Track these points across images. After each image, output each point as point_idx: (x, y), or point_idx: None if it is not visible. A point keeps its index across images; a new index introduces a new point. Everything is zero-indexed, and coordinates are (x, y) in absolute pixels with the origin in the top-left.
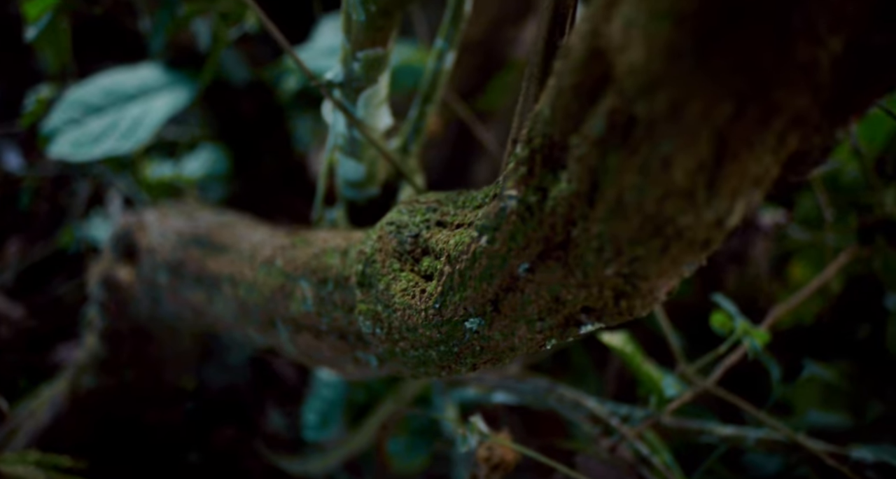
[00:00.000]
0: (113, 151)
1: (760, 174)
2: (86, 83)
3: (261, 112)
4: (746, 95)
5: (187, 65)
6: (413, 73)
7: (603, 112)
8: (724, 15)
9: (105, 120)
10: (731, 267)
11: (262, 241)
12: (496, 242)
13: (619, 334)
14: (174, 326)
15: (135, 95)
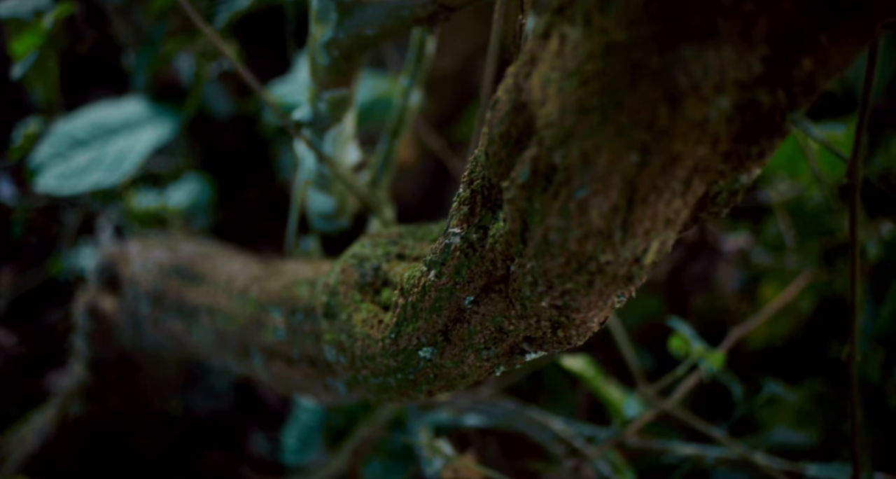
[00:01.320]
0: (98, 185)
1: (671, 217)
2: (72, 118)
3: (244, 143)
4: (649, 147)
5: (171, 98)
6: (387, 106)
7: (527, 160)
8: (622, 76)
9: (90, 154)
10: (696, 290)
11: (238, 271)
12: (443, 276)
13: (579, 359)
14: (158, 353)
15: (119, 129)
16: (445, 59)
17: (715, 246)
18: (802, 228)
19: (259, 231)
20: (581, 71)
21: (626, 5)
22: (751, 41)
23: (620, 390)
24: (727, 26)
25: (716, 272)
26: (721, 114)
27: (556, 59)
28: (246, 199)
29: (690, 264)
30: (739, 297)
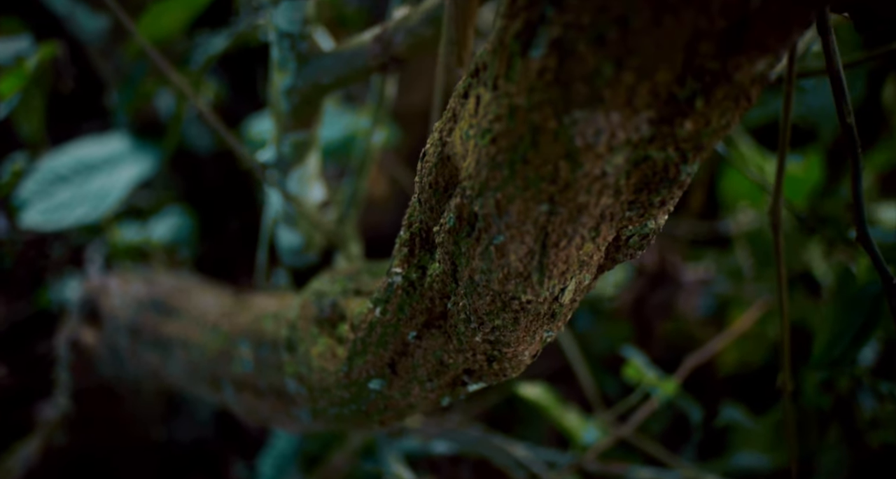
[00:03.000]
0: (82, 220)
1: (585, 259)
2: (56, 154)
3: (226, 177)
4: (555, 198)
5: (152, 135)
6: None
7: (453, 207)
8: (525, 136)
9: (74, 190)
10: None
11: (211, 305)
12: (387, 313)
13: (537, 387)
14: (138, 384)
15: (102, 166)
16: (417, 95)
17: (675, 276)
18: (762, 257)
19: (239, 263)
20: (491, 130)
21: (525, 74)
22: (635, 107)
23: (580, 416)
24: (612, 95)
25: (677, 301)
26: (617, 169)
27: (472, 117)
28: (227, 231)
29: (653, 294)
30: (706, 324)
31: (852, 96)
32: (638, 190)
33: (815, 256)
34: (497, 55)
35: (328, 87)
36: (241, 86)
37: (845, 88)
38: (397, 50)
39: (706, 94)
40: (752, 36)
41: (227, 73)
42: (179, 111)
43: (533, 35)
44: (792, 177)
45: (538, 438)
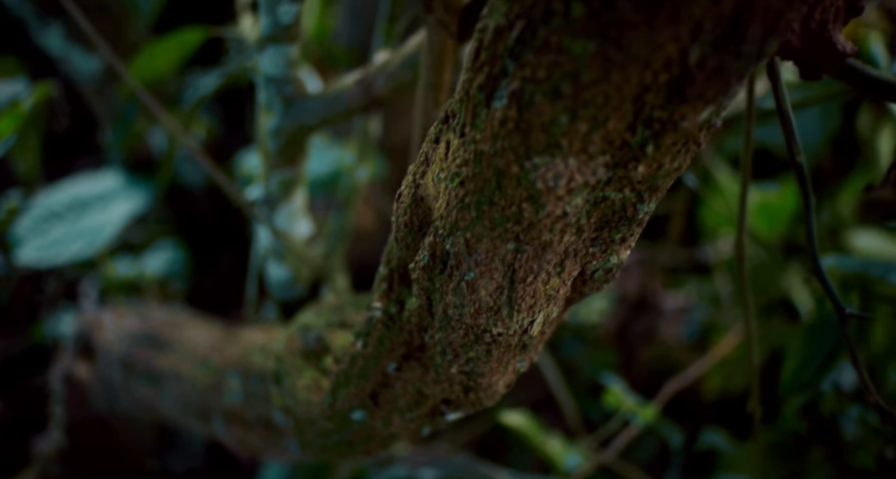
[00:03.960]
0: (77, 257)
1: (552, 293)
2: (50, 191)
3: (218, 211)
4: (521, 237)
5: (145, 171)
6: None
7: (427, 246)
8: (490, 180)
9: (68, 227)
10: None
11: (202, 338)
12: (368, 346)
13: (519, 414)
14: (131, 416)
15: (96, 202)
16: (404, 128)
17: (656, 303)
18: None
19: (230, 295)
20: (460, 174)
21: (488, 122)
22: (590, 153)
23: (562, 443)
24: (568, 142)
25: (659, 327)
26: (577, 209)
27: (443, 161)
28: (218, 265)
29: (635, 321)
30: (690, 349)
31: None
32: (599, 228)
33: (794, 281)
34: (463, 105)
35: (313, 127)
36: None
37: (794, 129)
38: (378, 93)
39: (656, 140)
40: (694, 89)
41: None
42: (171, 150)
43: (495, 87)
44: (769, 205)
45: (526, 465)
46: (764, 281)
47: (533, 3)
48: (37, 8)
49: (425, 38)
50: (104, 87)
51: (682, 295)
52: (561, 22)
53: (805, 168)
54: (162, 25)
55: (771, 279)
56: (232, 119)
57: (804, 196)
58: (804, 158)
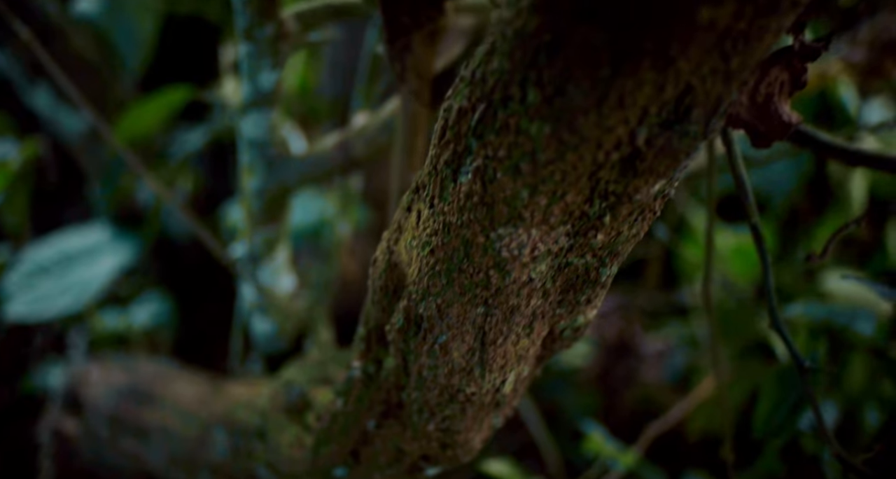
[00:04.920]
0: (65, 311)
1: (522, 353)
2: (39, 246)
3: (204, 263)
4: (489, 302)
5: (132, 224)
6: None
7: (401, 309)
8: (458, 249)
9: (56, 282)
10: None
11: (189, 392)
12: (348, 403)
13: (500, 463)
14: (119, 470)
15: (84, 257)
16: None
17: (636, 347)
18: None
19: (217, 347)
20: (430, 242)
21: (455, 196)
22: (551, 224)
23: None
24: (530, 214)
25: (641, 371)
26: (542, 275)
27: (415, 229)
28: (205, 316)
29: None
30: (672, 391)
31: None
32: (564, 291)
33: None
34: (432, 178)
35: (295, 187)
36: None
37: (749, 191)
38: (356, 155)
39: (613, 211)
40: (645, 165)
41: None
42: (157, 207)
43: (460, 163)
44: (743, 248)
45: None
46: (741, 323)
47: (492, 88)
48: (25, 69)
49: (400, 105)
50: (92, 144)
51: (661, 338)
52: (518, 106)
53: (760, 228)
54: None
55: (748, 321)
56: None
57: (761, 256)
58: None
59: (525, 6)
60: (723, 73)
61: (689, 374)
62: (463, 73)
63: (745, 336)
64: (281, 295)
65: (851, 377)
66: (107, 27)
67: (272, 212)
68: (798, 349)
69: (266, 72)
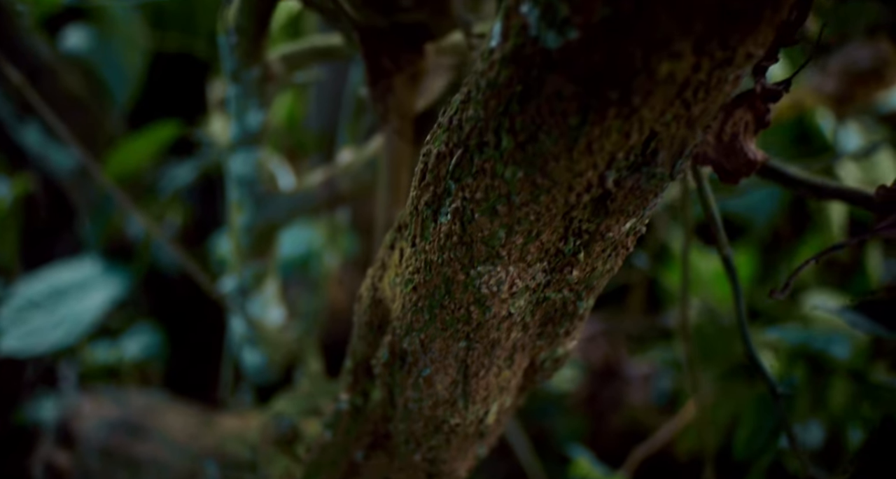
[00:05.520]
0: (58, 345)
1: (503, 384)
2: (29, 281)
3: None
4: (471, 336)
5: (122, 257)
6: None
7: (386, 344)
8: (440, 286)
9: (48, 316)
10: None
11: (180, 425)
12: (337, 435)
13: None
14: None
15: (75, 291)
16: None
17: (621, 371)
18: (703, 349)
19: (207, 378)
20: (412, 280)
21: (436, 235)
22: (528, 262)
23: None
24: (507, 252)
25: (626, 394)
26: (521, 310)
27: (398, 267)
28: (196, 348)
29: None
30: (660, 413)
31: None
32: (543, 324)
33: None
34: (413, 218)
35: (283, 223)
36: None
37: (719, 224)
38: (343, 192)
39: (587, 248)
40: (615, 205)
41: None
42: (147, 241)
43: (440, 205)
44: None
45: None
46: (725, 346)
47: (469, 134)
48: (15, 108)
49: (384, 143)
50: (81, 181)
51: (646, 361)
52: (493, 152)
53: (731, 260)
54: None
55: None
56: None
57: (733, 286)
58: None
59: (497, 59)
60: (685, 120)
61: (675, 396)
62: (441, 119)
63: (728, 359)
64: (270, 327)
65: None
66: (95, 63)
67: (261, 246)
68: (772, 374)
69: (253, 112)
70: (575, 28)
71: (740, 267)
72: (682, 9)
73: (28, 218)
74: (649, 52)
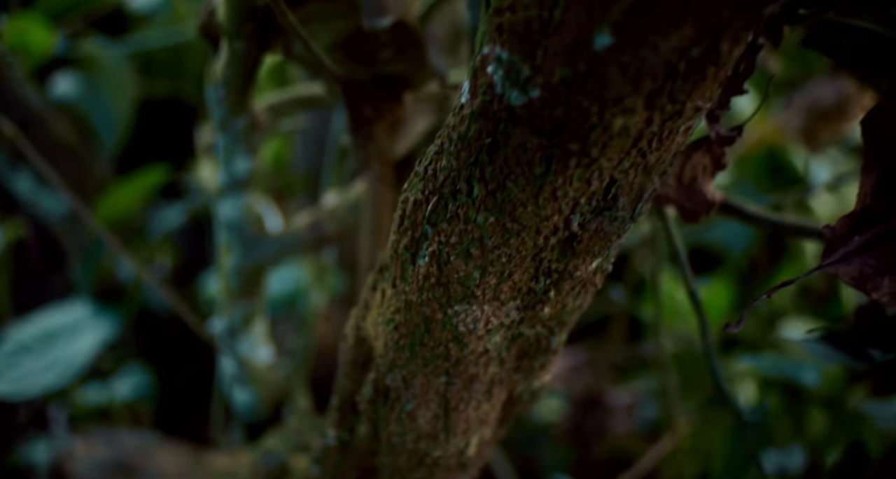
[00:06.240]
0: (50, 388)
1: (483, 417)
2: (20, 325)
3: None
4: (450, 371)
5: (112, 298)
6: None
7: (370, 381)
8: (419, 325)
9: (40, 359)
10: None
11: (172, 465)
12: (325, 471)
13: None
14: None
15: (66, 334)
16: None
17: (605, 401)
18: (685, 378)
19: (199, 418)
20: (394, 319)
21: (415, 277)
22: (502, 300)
23: None
24: (482, 292)
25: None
26: (497, 346)
27: (380, 307)
28: (187, 387)
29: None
30: (644, 441)
31: None
32: (519, 358)
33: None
34: (393, 260)
35: (270, 264)
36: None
37: (685, 261)
38: (328, 234)
39: (557, 287)
40: (581, 246)
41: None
42: (137, 283)
43: (418, 248)
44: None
45: None
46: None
47: (443, 183)
48: (7, 156)
49: (367, 187)
50: (72, 226)
51: (629, 391)
52: (466, 199)
53: (698, 296)
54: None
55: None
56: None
57: (700, 319)
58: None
59: (467, 114)
60: (642, 167)
61: (659, 425)
62: (417, 169)
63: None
64: (259, 366)
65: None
66: (84, 109)
67: (249, 287)
68: (739, 403)
69: (241, 159)
70: (536, 87)
71: (717, 297)
72: (633, 70)
73: (19, 263)
74: (604, 108)
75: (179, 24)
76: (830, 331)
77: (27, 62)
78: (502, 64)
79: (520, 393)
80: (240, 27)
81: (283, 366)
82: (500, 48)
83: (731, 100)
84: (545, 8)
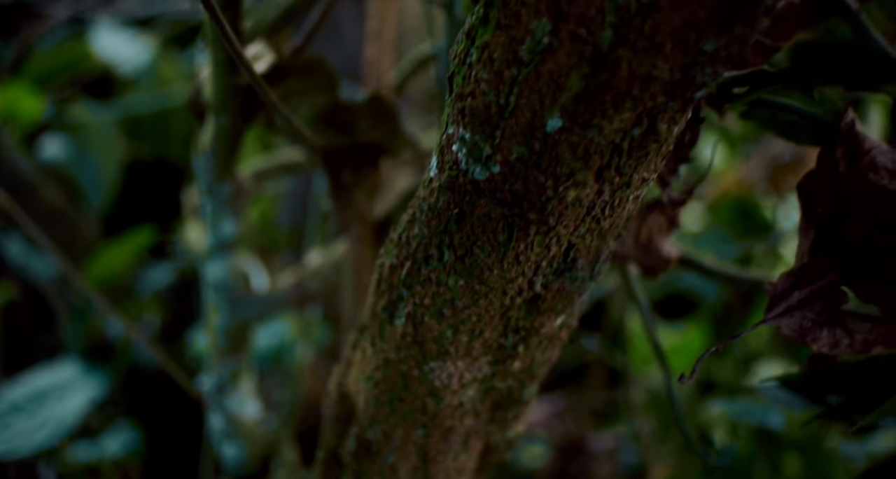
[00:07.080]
0: (42, 447)
1: (460, 467)
2: (11, 386)
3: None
4: (428, 425)
5: (102, 357)
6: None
7: (353, 435)
8: (398, 381)
9: (31, 419)
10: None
11: None
12: None
13: None
14: None
15: (56, 393)
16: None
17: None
18: (664, 421)
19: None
20: (373, 376)
21: (392, 336)
22: (474, 356)
23: None
24: (455, 349)
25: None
26: (472, 399)
27: (360, 364)
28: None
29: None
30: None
31: None
32: (493, 410)
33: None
34: (372, 321)
35: (256, 321)
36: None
37: (648, 314)
38: (312, 292)
39: (525, 342)
40: (545, 304)
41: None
42: (126, 342)
43: (395, 309)
44: (681, 347)
45: None
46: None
47: (416, 249)
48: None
49: (348, 247)
50: (62, 287)
51: (610, 436)
52: (437, 263)
53: (661, 346)
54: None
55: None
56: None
57: (662, 367)
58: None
59: (435, 187)
60: (597, 232)
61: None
62: (392, 235)
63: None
64: (248, 421)
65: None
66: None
67: (236, 344)
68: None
69: (227, 222)
70: (497, 163)
71: (692, 341)
72: (582, 148)
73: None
74: (558, 182)
75: (165, 87)
76: (789, 377)
77: (17, 129)
78: (465, 143)
79: (496, 443)
80: (225, 103)
81: (270, 420)
82: (463, 129)
83: (679, 167)
84: (502, 94)
